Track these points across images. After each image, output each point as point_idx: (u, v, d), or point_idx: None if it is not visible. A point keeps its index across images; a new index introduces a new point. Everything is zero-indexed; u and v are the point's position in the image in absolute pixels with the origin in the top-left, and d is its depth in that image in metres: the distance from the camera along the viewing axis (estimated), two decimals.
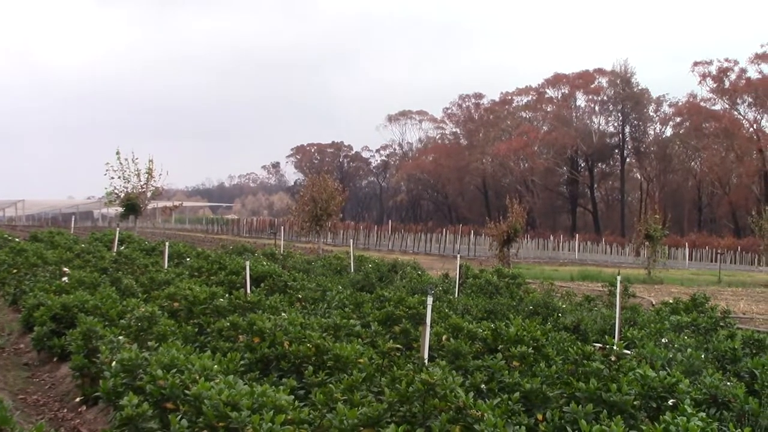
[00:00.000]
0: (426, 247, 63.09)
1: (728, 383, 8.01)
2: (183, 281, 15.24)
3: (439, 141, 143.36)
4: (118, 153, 39.56)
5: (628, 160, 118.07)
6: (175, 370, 7.26)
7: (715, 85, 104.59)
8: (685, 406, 6.54)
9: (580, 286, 31.01)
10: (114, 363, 7.96)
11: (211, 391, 6.41)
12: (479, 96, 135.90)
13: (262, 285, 15.94)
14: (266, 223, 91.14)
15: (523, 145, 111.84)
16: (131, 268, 19.11)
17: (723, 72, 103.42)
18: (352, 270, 22.53)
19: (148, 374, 7.26)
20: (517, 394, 7.20)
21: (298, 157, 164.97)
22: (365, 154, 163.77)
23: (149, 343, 8.97)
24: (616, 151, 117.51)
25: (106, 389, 7.63)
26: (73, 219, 55.46)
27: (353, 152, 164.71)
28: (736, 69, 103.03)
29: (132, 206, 40.59)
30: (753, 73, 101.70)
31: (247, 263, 14.72)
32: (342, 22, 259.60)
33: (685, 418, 6.10)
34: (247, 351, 9.08)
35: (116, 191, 40.46)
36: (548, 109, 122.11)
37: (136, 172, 40.42)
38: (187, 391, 6.68)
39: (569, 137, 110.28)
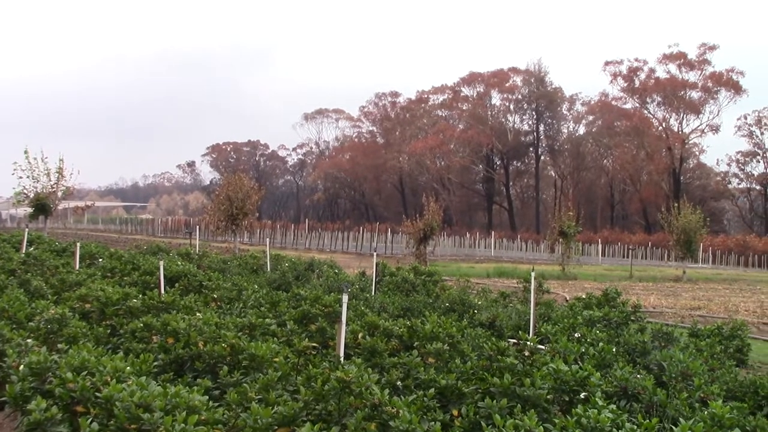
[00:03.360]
0: (343, 246, 63.12)
1: (638, 375, 8.19)
2: (95, 282, 14.89)
3: (356, 139, 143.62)
4: (26, 152, 38.60)
5: (542, 158, 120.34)
6: (86, 373, 7.09)
7: (625, 85, 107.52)
8: (597, 399, 6.66)
9: (495, 282, 31.40)
10: (22, 367, 7.74)
11: (122, 392, 6.27)
12: (395, 94, 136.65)
13: (177, 285, 15.71)
14: (181, 222, 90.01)
15: (439, 143, 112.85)
16: (41, 270, 18.59)
17: (633, 71, 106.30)
18: (269, 269, 22.39)
19: (58, 377, 7.07)
20: (432, 391, 7.22)
21: (214, 155, 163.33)
22: (282, 153, 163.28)
23: (59, 346, 8.73)
24: (531, 149, 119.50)
25: (13, 394, 7.41)
26: None
27: (270, 151, 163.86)
28: (646, 69, 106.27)
29: (42, 206, 39.56)
30: (661, 73, 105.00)
31: (161, 263, 14.53)
32: (257, 22, 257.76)
33: (596, 411, 6.21)
34: (161, 352, 8.93)
35: (25, 191, 39.40)
36: (464, 108, 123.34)
37: (46, 172, 39.38)
38: (98, 394, 6.53)
39: (485, 135, 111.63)
